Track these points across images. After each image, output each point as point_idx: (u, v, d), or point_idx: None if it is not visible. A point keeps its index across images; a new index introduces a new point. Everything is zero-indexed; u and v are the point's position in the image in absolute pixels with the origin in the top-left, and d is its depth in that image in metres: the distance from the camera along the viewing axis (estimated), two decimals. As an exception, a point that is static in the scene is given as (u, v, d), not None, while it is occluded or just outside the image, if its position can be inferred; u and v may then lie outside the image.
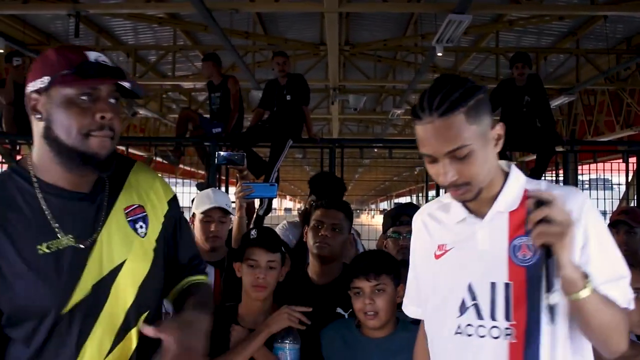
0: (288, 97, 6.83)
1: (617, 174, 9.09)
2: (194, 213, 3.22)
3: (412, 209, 3.45)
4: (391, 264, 2.49)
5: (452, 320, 1.65)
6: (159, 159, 8.41)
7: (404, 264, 3.03)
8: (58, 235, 1.53)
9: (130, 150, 10.13)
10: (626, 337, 1.55)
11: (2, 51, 8.35)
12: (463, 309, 1.63)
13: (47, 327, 1.50)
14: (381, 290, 2.38)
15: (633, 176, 8.34)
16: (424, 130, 1.54)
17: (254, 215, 5.28)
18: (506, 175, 1.67)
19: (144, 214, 1.69)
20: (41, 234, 1.52)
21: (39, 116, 1.53)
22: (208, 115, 7.68)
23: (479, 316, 1.61)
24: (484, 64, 11.93)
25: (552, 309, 1.39)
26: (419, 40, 10.37)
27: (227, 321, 2.45)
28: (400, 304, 2.03)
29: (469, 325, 1.62)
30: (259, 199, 5.47)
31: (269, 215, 6.57)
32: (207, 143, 6.96)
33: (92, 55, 1.56)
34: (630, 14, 8.52)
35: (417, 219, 1.84)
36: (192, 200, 3.47)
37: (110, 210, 1.63)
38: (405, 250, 3.06)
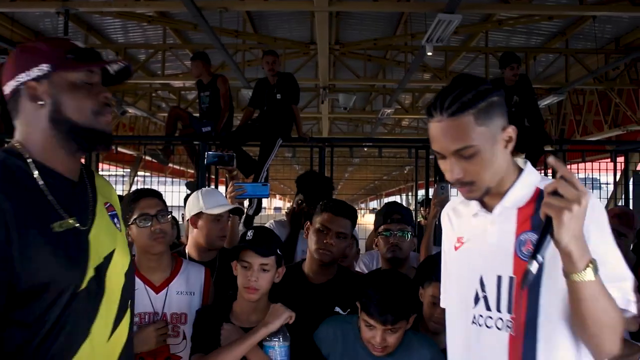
0: (278, 96, 6.83)
1: (605, 173, 9.13)
2: (198, 213, 3.14)
3: (403, 208, 3.47)
4: (409, 304, 2.36)
5: (468, 310, 1.71)
6: (148, 157, 8.38)
7: (394, 261, 3.06)
8: (63, 216, 1.58)
9: (120, 149, 10.11)
10: (619, 340, 1.53)
11: (-11, 49, 8.31)
12: (476, 299, 1.70)
13: (61, 306, 1.53)
14: (394, 332, 2.32)
15: (621, 176, 8.39)
16: (435, 128, 1.62)
17: (244, 215, 5.28)
18: (520, 172, 1.70)
19: (115, 212, 1.81)
20: (50, 213, 1.56)
21: (41, 102, 1.60)
22: (198, 114, 7.66)
23: (487, 307, 1.67)
24: (473, 63, 11.97)
25: (526, 274, 1.40)
26: (408, 39, 10.39)
27: (219, 319, 2.45)
28: None
29: (480, 315, 1.68)
30: (248, 199, 5.47)
31: (259, 214, 6.56)
32: (196, 142, 6.95)
33: (80, 44, 1.67)
34: (619, 14, 8.58)
35: (444, 213, 1.91)
36: (185, 199, 3.42)
37: (96, 201, 1.73)
38: (395, 247, 3.08)
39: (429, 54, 7.83)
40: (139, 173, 17.60)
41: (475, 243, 1.74)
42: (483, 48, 11.11)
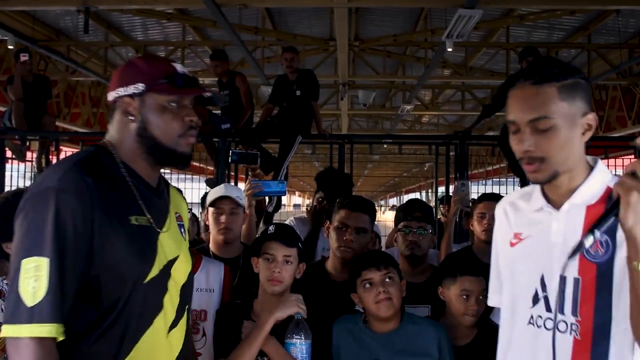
0: (297, 93, 6.82)
1: (628, 169, 9.02)
2: (207, 209, 3.19)
3: (425, 205, 3.45)
4: (393, 259, 2.57)
5: (525, 310, 1.66)
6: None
7: (412, 258, 3.05)
8: (144, 211, 1.71)
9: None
10: None
11: (12, 47, 8.39)
12: (535, 299, 1.64)
13: (129, 293, 1.63)
14: (391, 279, 2.44)
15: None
16: (515, 95, 1.59)
17: (264, 212, 5.29)
18: (591, 170, 1.63)
19: (182, 223, 1.93)
20: (132, 206, 1.69)
21: (132, 118, 1.74)
22: (218, 111, 7.68)
23: (548, 308, 1.61)
24: (494, 59, 11.89)
25: (579, 246, 1.40)
26: (428, 35, 10.36)
27: (240, 317, 2.46)
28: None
29: (539, 316, 1.62)
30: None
31: (278, 211, 6.57)
32: (216, 139, 6.97)
33: (179, 67, 1.78)
34: (643, 7, 8.47)
35: (499, 207, 1.84)
36: (203, 198, 3.45)
37: (169, 209, 1.85)
38: (413, 245, 3.05)
39: (449, 49, 7.80)
40: (160, 170, 17.70)
41: (536, 240, 1.67)
42: (504, 44, 11.03)
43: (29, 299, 1.48)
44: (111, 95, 1.78)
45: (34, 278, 1.49)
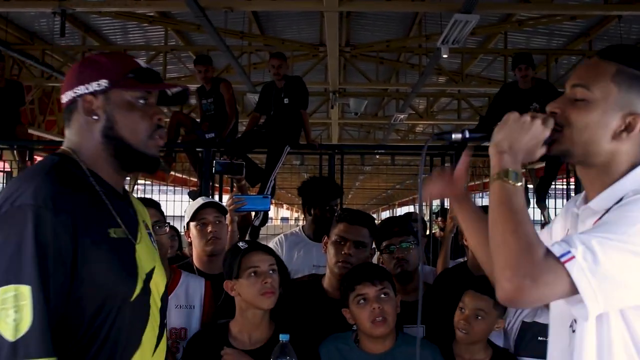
0: (285, 101, 6.83)
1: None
2: (188, 224, 3.18)
3: (399, 218, 3.44)
4: (388, 273, 2.60)
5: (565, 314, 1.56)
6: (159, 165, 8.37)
7: (403, 275, 3.03)
8: (119, 223, 1.65)
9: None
10: (516, 277, 1.29)
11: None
12: None
13: (116, 313, 1.58)
14: (387, 295, 2.44)
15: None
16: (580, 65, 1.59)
17: (250, 227, 5.28)
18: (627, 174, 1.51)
19: (150, 231, 1.86)
20: (107, 218, 1.63)
21: (95, 117, 1.67)
22: (199, 120, 7.66)
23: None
24: (491, 66, 11.96)
25: (442, 134, 1.68)
26: (423, 41, 10.39)
27: (216, 344, 2.43)
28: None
29: (575, 321, 1.52)
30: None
31: (265, 225, 6.57)
32: (199, 149, 6.96)
33: (142, 63, 1.74)
34: (645, 13, 8.55)
35: (563, 209, 1.76)
36: (185, 211, 3.43)
37: (138, 218, 1.78)
38: (402, 261, 3.02)
39: (445, 56, 7.84)
40: (139, 181, 17.64)
41: None
42: (502, 50, 11.09)
43: (10, 332, 1.38)
44: (67, 96, 1.70)
45: (14, 309, 1.39)
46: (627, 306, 1.37)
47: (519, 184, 1.43)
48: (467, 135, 1.60)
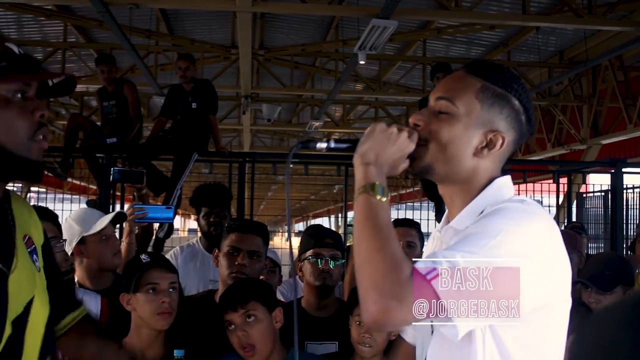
0: (193, 105, 6.75)
1: (547, 195, 9.41)
2: (81, 239, 2.99)
3: (334, 232, 3.41)
4: (261, 289, 2.52)
5: None
6: (44, 171, 8.14)
7: (324, 289, 3.01)
8: None
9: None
10: (382, 298, 1.27)
11: None
12: None
13: None
14: (252, 318, 2.38)
15: (564, 198, 8.66)
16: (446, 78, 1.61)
17: (153, 238, 5.18)
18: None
19: (34, 247, 1.61)
20: None
21: None
22: (99, 123, 7.49)
23: None
24: (410, 74, 12.20)
25: (308, 141, 1.67)
26: (340, 46, 10.50)
27: None
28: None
29: None
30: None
31: (170, 237, 6.46)
32: (100, 155, 6.79)
33: (15, 48, 1.46)
34: (563, 25, 8.91)
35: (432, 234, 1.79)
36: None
37: (15, 236, 1.53)
38: (326, 275, 3.00)
39: (362, 62, 7.93)
40: (33, 189, 17.09)
41: None
42: (420, 58, 11.33)
43: None
44: None
45: None
46: (495, 321, 1.37)
47: (385, 199, 1.43)
48: (332, 144, 1.61)
